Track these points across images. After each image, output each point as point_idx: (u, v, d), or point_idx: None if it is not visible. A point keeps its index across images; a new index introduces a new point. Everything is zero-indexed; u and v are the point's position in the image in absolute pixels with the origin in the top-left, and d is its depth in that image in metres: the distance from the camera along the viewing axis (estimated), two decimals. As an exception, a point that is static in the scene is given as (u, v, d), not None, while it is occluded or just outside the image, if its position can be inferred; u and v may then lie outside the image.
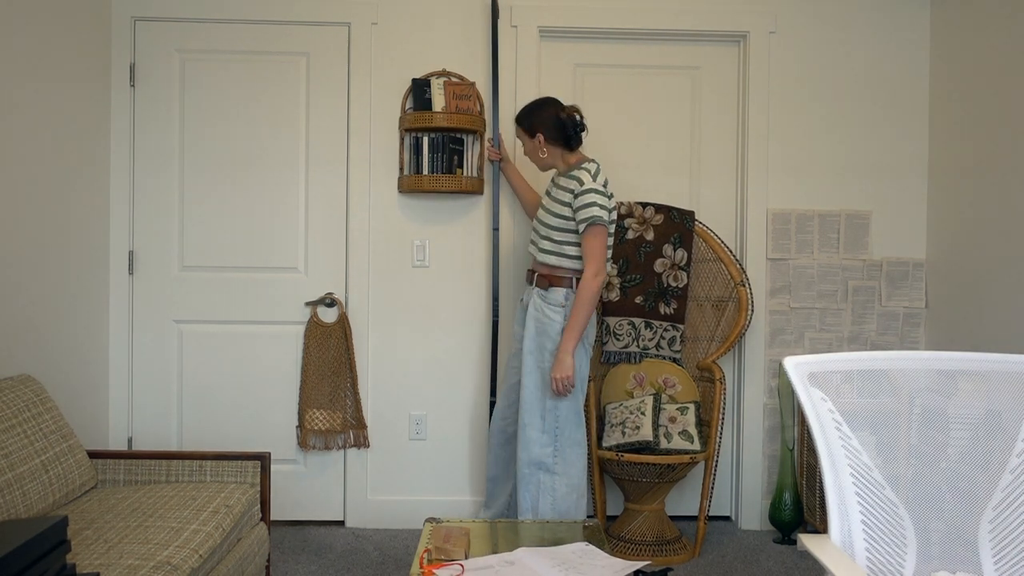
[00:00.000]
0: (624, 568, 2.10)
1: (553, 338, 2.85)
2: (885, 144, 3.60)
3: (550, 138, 2.93)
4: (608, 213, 2.82)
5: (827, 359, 1.72)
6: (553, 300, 2.87)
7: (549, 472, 2.88)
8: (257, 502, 2.66)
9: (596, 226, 2.78)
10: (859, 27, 3.59)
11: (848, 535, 1.67)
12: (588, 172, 2.83)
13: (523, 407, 2.90)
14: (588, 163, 2.88)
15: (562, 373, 2.79)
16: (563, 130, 2.91)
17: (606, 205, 2.81)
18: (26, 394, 2.44)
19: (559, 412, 2.88)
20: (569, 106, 2.95)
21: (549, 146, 2.94)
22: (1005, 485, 1.72)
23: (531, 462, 2.88)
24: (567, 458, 2.88)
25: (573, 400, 2.88)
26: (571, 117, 2.91)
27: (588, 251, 2.80)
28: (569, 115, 2.91)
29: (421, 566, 2.11)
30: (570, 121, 2.90)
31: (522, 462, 2.90)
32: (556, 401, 2.87)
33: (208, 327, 3.52)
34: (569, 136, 2.92)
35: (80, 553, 2.02)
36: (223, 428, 3.53)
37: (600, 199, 2.80)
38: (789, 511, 3.36)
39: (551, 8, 3.52)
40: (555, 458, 2.88)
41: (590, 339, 2.92)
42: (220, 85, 3.50)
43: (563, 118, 2.91)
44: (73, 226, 3.14)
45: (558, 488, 2.87)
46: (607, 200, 2.82)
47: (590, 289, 2.80)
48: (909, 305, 3.60)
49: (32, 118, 2.84)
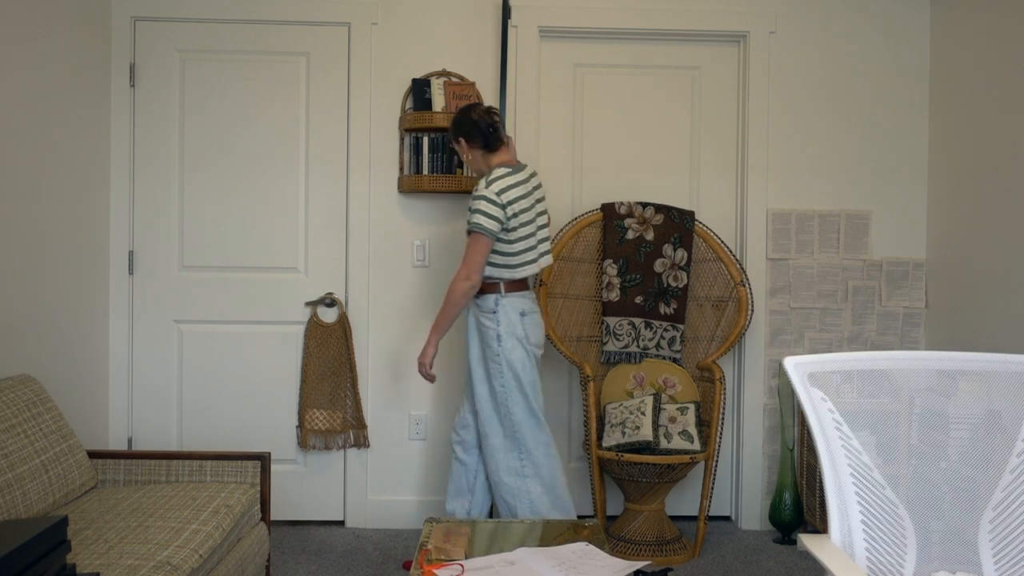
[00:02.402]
0: (624, 568, 2.10)
1: (492, 346, 2.85)
2: (885, 144, 3.60)
3: (469, 141, 2.91)
4: (494, 221, 2.75)
5: (827, 359, 1.73)
6: (485, 307, 2.87)
7: (520, 476, 2.87)
8: (257, 502, 2.66)
9: (475, 234, 2.78)
10: (859, 27, 3.59)
11: (848, 535, 1.68)
12: (485, 178, 2.81)
13: (480, 418, 2.91)
14: (498, 168, 2.83)
15: (420, 359, 2.92)
16: (478, 131, 2.87)
17: (491, 212, 2.74)
18: (26, 394, 2.44)
19: (513, 417, 2.86)
20: (484, 107, 2.90)
21: (471, 150, 2.92)
22: (1005, 485, 1.72)
23: (500, 470, 2.88)
24: (535, 460, 2.88)
25: (523, 402, 2.86)
26: (483, 118, 2.86)
27: (464, 254, 2.81)
28: (480, 116, 2.87)
29: (421, 566, 2.11)
30: (483, 122, 2.86)
31: (491, 471, 2.90)
32: (509, 406, 2.86)
33: (208, 327, 3.52)
34: (486, 137, 2.87)
35: (80, 553, 2.02)
36: (223, 428, 3.53)
37: (485, 206, 2.76)
38: (789, 511, 3.36)
39: (551, 8, 3.52)
40: (522, 462, 2.88)
41: (531, 340, 2.88)
42: (220, 85, 3.50)
43: (475, 119, 2.87)
44: (73, 226, 3.14)
45: (532, 491, 2.87)
46: (495, 208, 2.75)
47: (454, 290, 2.82)
48: (909, 305, 3.60)
49: (32, 118, 2.84)
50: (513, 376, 2.85)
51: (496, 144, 2.89)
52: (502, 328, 2.83)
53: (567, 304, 3.44)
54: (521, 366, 2.85)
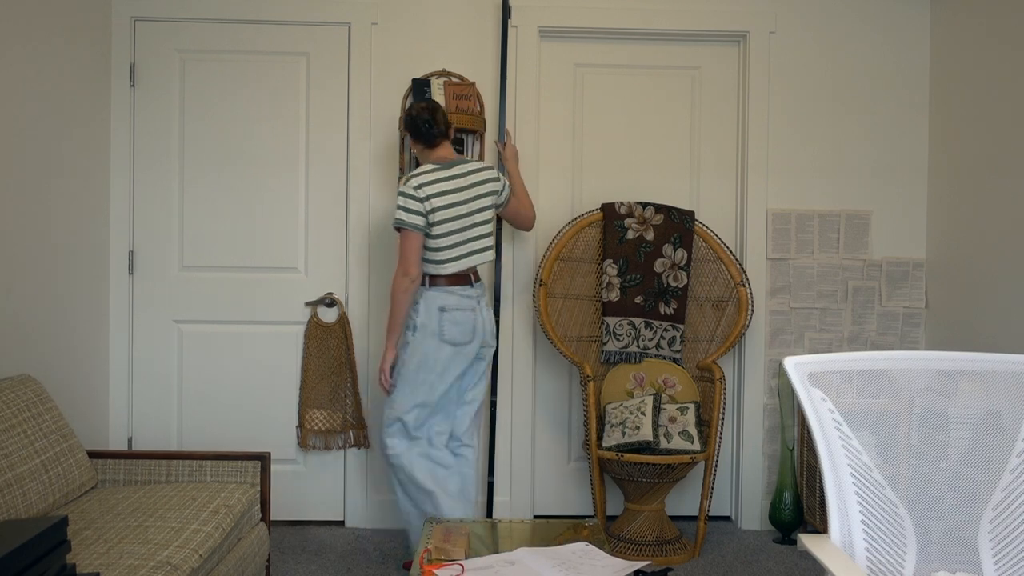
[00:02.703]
0: (624, 568, 2.10)
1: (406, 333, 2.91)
2: (885, 144, 3.60)
3: (412, 137, 2.95)
4: (413, 215, 2.78)
5: (827, 359, 1.73)
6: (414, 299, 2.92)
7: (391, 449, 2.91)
8: (257, 502, 2.66)
9: (398, 230, 2.83)
10: (859, 27, 3.59)
11: (848, 535, 1.67)
12: (407, 175, 2.87)
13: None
14: (427, 164, 2.88)
15: (380, 366, 2.93)
16: (415, 127, 2.90)
17: (408, 207, 2.78)
18: (26, 394, 2.44)
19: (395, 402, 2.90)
20: (425, 103, 2.91)
21: (415, 145, 2.97)
22: (1005, 485, 1.72)
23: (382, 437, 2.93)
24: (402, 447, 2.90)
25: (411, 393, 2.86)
26: (420, 114, 2.89)
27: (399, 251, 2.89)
28: (419, 112, 2.89)
29: (421, 566, 2.11)
30: (420, 118, 2.89)
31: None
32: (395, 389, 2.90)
33: (208, 327, 3.52)
34: (421, 133, 2.90)
35: (80, 553, 2.02)
36: (223, 428, 3.53)
37: (403, 201, 2.80)
38: (789, 511, 3.36)
39: (551, 8, 3.52)
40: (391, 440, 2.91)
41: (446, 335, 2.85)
42: (220, 85, 3.50)
43: (414, 115, 2.90)
44: (73, 226, 3.14)
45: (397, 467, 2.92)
46: (412, 202, 2.78)
47: (394, 288, 2.86)
48: (909, 305, 3.60)
49: (32, 118, 2.84)
50: (414, 366, 2.86)
51: (433, 140, 2.90)
52: (418, 320, 2.87)
53: (567, 304, 3.44)
54: (424, 359, 2.86)
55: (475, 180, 2.91)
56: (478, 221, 2.91)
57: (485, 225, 2.94)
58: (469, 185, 2.89)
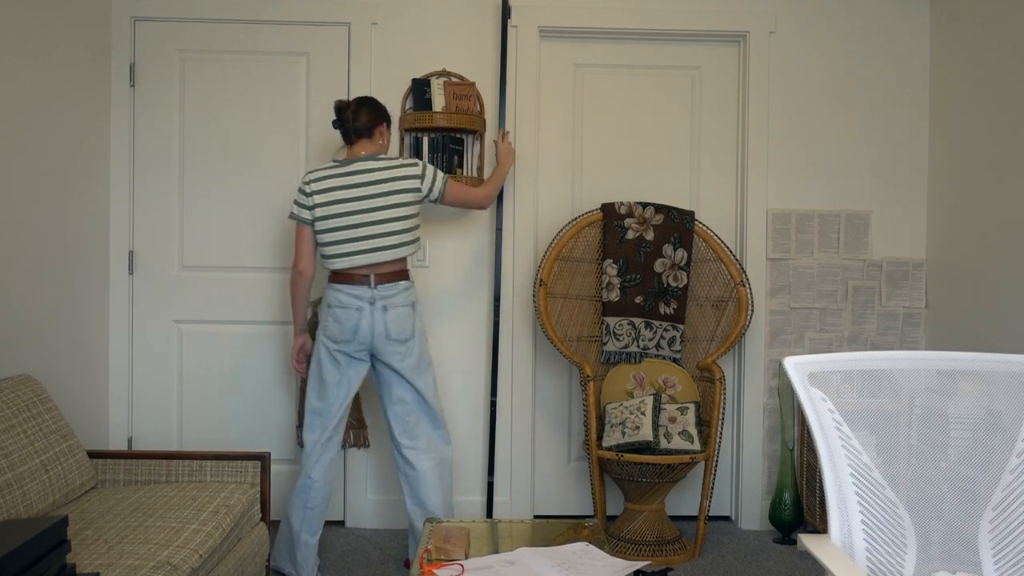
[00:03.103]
0: (624, 568, 2.10)
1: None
2: (885, 144, 3.60)
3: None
4: (299, 208, 2.85)
5: (827, 359, 1.72)
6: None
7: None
8: (257, 502, 2.66)
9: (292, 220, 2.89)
10: (859, 27, 3.59)
11: (848, 535, 1.67)
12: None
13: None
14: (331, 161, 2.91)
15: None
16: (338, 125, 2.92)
17: (297, 200, 2.86)
18: (26, 394, 2.44)
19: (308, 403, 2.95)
20: (346, 102, 2.90)
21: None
22: (1005, 485, 1.72)
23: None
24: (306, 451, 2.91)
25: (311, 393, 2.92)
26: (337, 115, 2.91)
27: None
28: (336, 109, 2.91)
29: (421, 566, 2.11)
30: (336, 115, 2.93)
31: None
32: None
33: (208, 327, 3.52)
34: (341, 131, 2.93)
35: (80, 553, 2.02)
36: (223, 428, 3.53)
37: (295, 195, 2.94)
38: (789, 511, 3.36)
39: (551, 8, 3.52)
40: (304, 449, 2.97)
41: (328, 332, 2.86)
42: (220, 85, 3.50)
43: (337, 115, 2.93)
44: (73, 226, 3.14)
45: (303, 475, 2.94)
46: (301, 196, 2.85)
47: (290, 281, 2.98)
48: (909, 305, 3.60)
49: (32, 118, 2.84)
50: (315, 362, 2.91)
51: (347, 138, 2.91)
52: (320, 317, 2.92)
53: (567, 304, 3.44)
54: (317, 356, 2.90)
55: (378, 178, 2.80)
56: (376, 220, 2.80)
57: (388, 224, 2.81)
58: (366, 183, 2.80)
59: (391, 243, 2.82)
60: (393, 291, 2.84)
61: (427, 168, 2.89)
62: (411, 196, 2.84)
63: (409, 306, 2.88)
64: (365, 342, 2.84)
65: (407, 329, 2.86)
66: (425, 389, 2.93)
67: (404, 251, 2.85)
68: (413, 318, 2.89)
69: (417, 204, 2.88)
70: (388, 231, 2.82)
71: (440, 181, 2.92)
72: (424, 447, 2.94)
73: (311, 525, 2.90)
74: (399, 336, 2.85)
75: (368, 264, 2.81)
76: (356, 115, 2.86)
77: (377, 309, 2.82)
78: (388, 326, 2.83)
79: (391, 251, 2.82)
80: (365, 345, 2.85)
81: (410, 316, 2.88)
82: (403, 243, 2.84)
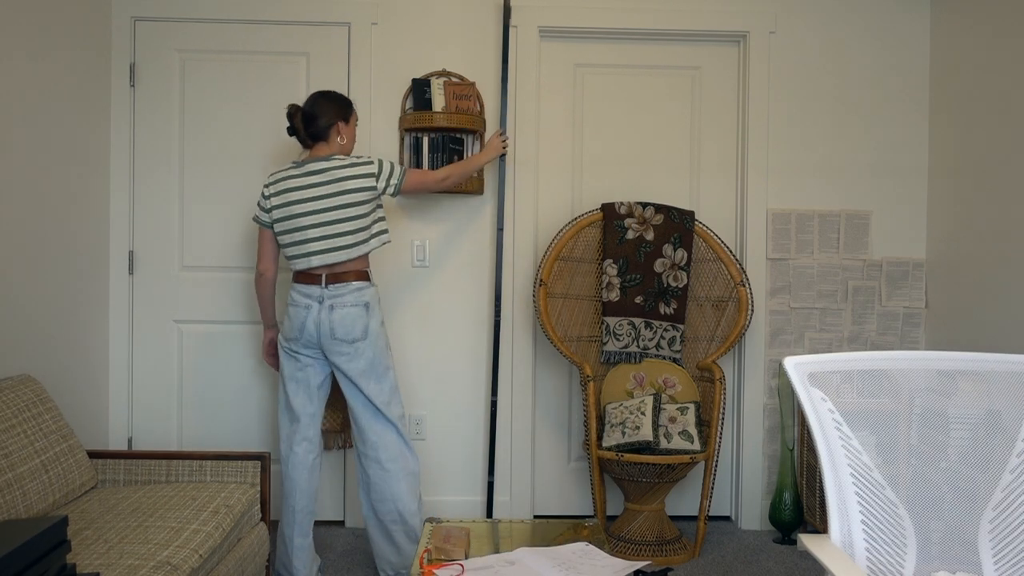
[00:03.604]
0: (624, 568, 2.10)
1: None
2: (885, 144, 3.60)
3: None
4: (260, 212, 2.88)
5: (827, 359, 1.72)
6: None
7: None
8: (257, 502, 2.66)
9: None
10: (859, 27, 3.59)
11: (848, 535, 1.67)
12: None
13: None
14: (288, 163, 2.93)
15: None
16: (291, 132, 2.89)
17: (258, 203, 2.90)
18: (26, 394, 2.44)
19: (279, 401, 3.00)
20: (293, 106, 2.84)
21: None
22: (1005, 485, 1.72)
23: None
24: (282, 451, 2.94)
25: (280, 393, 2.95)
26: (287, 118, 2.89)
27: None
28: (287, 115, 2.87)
29: (421, 566, 2.11)
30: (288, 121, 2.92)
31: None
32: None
33: (208, 327, 3.52)
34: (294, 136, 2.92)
35: (80, 553, 2.02)
36: (223, 428, 3.53)
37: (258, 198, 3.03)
38: (789, 511, 3.36)
39: (551, 8, 3.52)
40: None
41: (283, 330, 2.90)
42: (220, 85, 3.50)
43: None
44: (73, 226, 3.14)
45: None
46: (260, 199, 2.88)
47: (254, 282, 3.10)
48: (909, 305, 3.60)
49: (32, 118, 2.84)
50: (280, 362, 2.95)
51: (302, 143, 2.88)
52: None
53: (567, 304, 3.44)
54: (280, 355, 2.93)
55: (330, 178, 2.77)
56: (328, 220, 2.77)
57: (340, 224, 2.77)
58: (319, 183, 2.77)
59: (345, 243, 2.77)
60: (343, 290, 2.79)
61: (383, 164, 2.83)
62: (365, 195, 2.78)
63: (360, 306, 2.80)
64: (312, 340, 2.80)
65: (355, 330, 2.78)
66: (376, 395, 2.83)
67: (360, 249, 2.80)
68: (367, 319, 2.80)
69: (371, 202, 2.81)
70: (341, 231, 2.77)
71: (396, 176, 2.84)
72: (378, 456, 2.86)
73: (301, 527, 2.89)
74: (344, 336, 2.78)
75: (324, 264, 2.78)
76: (306, 121, 2.83)
77: (325, 307, 2.78)
78: (333, 324, 2.78)
79: (345, 251, 2.77)
80: (313, 343, 2.81)
81: (361, 317, 2.80)
82: (357, 242, 2.79)
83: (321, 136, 2.83)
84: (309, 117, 2.82)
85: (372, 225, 2.83)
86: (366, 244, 2.81)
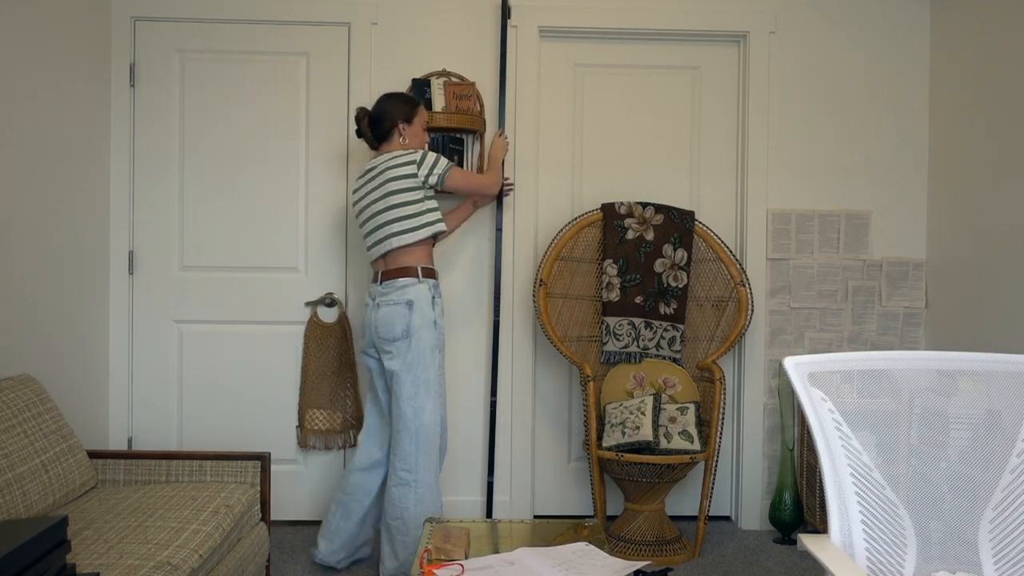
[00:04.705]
0: (624, 568, 2.10)
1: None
2: (885, 144, 3.60)
3: None
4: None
5: (827, 359, 1.72)
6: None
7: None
8: (257, 502, 2.66)
9: None
10: (859, 27, 3.59)
11: (848, 535, 1.67)
12: None
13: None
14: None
15: None
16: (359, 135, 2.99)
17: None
18: (26, 394, 2.44)
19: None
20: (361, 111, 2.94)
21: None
22: (1005, 485, 1.72)
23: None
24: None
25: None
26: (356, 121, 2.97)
27: None
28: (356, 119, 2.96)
29: (421, 566, 2.11)
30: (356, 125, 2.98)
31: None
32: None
33: (208, 327, 3.52)
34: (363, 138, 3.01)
35: (80, 553, 2.02)
36: (223, 428, 3.53)
37: None
38: (789, 511, 3.36)
39: (551, 8, 3.52)
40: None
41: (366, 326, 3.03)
42: (220, 85, 3.50)
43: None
44: (73, 226, 3.14)
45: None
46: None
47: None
48: (909, 305, 3.60)
49: (32, 118, 2.84)
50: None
51: (371, 146, 2.99)
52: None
53: (567, 304, 3.44)
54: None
55: (379, 171, 2.85)
56: (377, 211, 2.85)
57: (385, 212, 2.83)
58: (371, 179, 2.89)
59: (392, 231, 2.84)
60: (389, 288, 2.84)
61: (427, 155, 2.86)
62: (407, 183, 2.82)
63: (402, 304, 2.80)
64: (370, 339, 2.93)
65: (395, 328, 2.79)
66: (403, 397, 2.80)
67: (404, 239, 2.82)
68: (409, 318, 2.79)
69: (415, 190, 2.83)
70: (386, 220, 2.85)
71: (441, 167, 2.86)
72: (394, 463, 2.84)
73: (344, 510, 3.00)
74: (386, 334, 2.81)
75: (380, 255, 2.90)
76: (372, 125, 2.95)
77: (375, 306, 2.88)
78: (377, 323, 2.85)
79: (393, 239, 2.83)
80: (371, 342, 2.94)
81: (403, 315, 2.79)
82: (403, 230, 2.82)
83: (385, 137, 2.95)
84: (375, 120, 2.94)
85: (420, 215, 2.85)
86: (413, 233, 2.83)
